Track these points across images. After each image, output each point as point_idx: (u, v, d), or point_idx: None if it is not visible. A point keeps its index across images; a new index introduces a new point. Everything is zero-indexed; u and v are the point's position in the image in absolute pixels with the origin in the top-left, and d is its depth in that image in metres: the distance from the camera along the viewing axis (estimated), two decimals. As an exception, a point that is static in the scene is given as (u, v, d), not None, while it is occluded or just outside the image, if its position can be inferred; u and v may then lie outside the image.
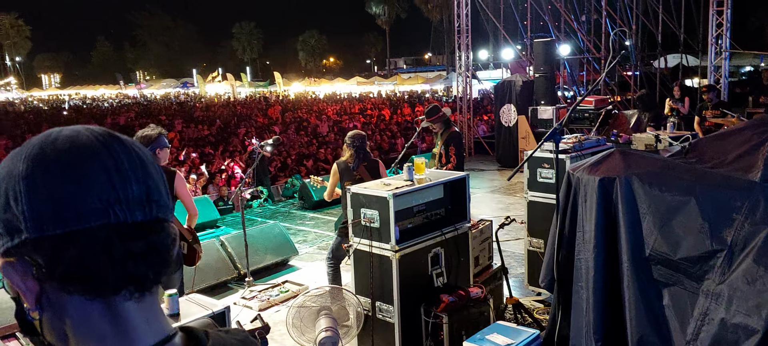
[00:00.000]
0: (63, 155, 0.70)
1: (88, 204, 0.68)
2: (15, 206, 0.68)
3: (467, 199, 4.34)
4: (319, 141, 17.27)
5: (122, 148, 0.73)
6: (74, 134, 0.72)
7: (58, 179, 0.68)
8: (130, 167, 0.72)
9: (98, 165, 0.70)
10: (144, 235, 0.71)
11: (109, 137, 0.73)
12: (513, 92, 11.74)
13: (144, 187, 0.73)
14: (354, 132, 5.41)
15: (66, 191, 0.68)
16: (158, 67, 75.28)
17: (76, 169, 0.69)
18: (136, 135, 4.29)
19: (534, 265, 5.31)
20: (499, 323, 3.62)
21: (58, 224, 0.67)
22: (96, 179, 0.69)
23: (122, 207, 0.70)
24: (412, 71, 50.05)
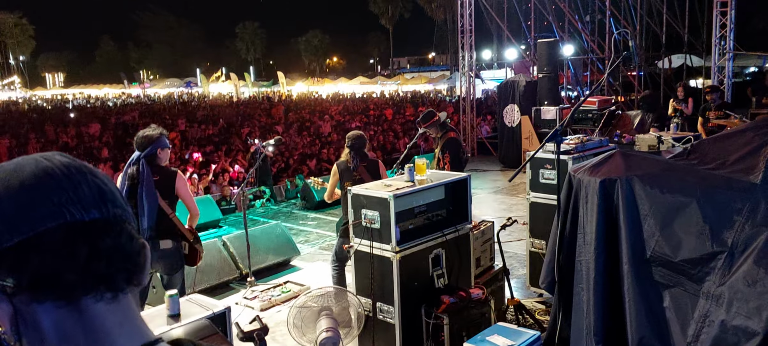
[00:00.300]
0: (9, 174, 0.72)
1: (41, 208, 0.69)
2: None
3: (469, 200, 4.33)
4: (322, 141, 17.28)
5: (65, 159, 0.75)
6: (21, 159, 0.75)
7: (8, 192, 0.70)
8: (78, 173, 0.74)
9: (45, 174, 0.72)
10: (105, 232, 0.72)
11: (50, 155, 0.76)
12: (516, 92, 11.73)
13: (95, 188, 0.74)
14: (353, 132, 5.41)
15: (17, 202, 0.70)
16: (162, 66, 75.41)
17: (25, 181, 0.71)
18: (138, 135, 4.29)
19: (536, 266, 5.30)
20: (499, 325, 3.62)
21: (15, 232, 0.68)
22: (45, 185, 0.71)
23: (76, 206, 0.71)
24: (415, 71, 50.04)
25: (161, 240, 4.24)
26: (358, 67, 63.14)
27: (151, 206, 4.15)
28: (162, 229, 4.24)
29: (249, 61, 69.52)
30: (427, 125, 5.91)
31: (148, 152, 4.21)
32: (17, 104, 45.53)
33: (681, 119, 8.83)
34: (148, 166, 4.18)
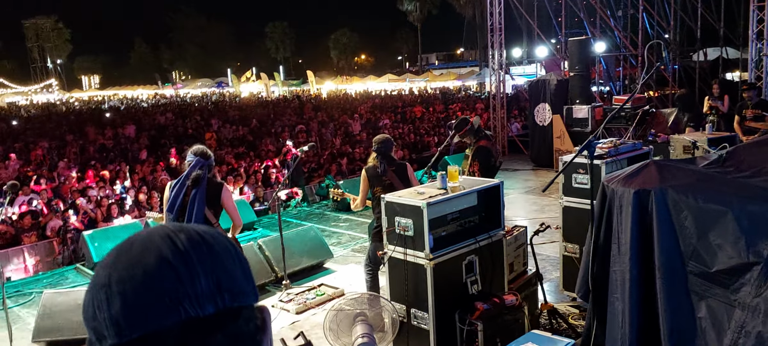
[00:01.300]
0: (134, 260, 0.73)
1: (158, 305, 0.71)
2: (99, 314, 0.73)
3: (501, 206, 4.37)
4: (352, 140, 17.40)
5: (192, 245, 0.75)
6: (147, 237, 0.76)
7: (129, 284, 0.72)
8: (200, 262, 0.74)
9: (166, 266, 0.73)
10: (218, 327, 0.73)
11: (178, 234, 0.76)
12: (547, 91, 11.65)
13: (214, 279, 0.75)
14: (380, 136, 5.44)
15: (137, 295, 0.71)
16: (194, 67, 76.70)
17: (145, 272, 0.72)
18: (199, 147, 4.58)
19: (569, 270, 5.30)
20: (533, 332, 3.65)
21: (134, 328, 0.71)
22: (164, 277, 0.72)
23: (193, 302, 0.72)
24: (444, 67, 49.91)
25: None
26: (386, 65, 63.27)
27: (199, 211, 4.41)
28: None
29: (278, 61, 70.23)
30: (461, 134, 5.91)
31: (205, 162, 4.50)
32: (55, 106, 46.90)
33: (717, 117, 8.67)
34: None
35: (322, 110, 27.26)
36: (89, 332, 0.75)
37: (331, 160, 14.32)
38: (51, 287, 6.83)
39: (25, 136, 22.16)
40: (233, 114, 26.90)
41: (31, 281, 7.41)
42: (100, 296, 0.73)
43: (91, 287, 0.76)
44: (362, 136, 18.41)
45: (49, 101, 56.80)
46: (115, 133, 21.05)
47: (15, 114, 38.54)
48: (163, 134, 21.17)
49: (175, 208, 4.42)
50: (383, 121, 20.84)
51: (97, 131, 21.79)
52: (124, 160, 15.34)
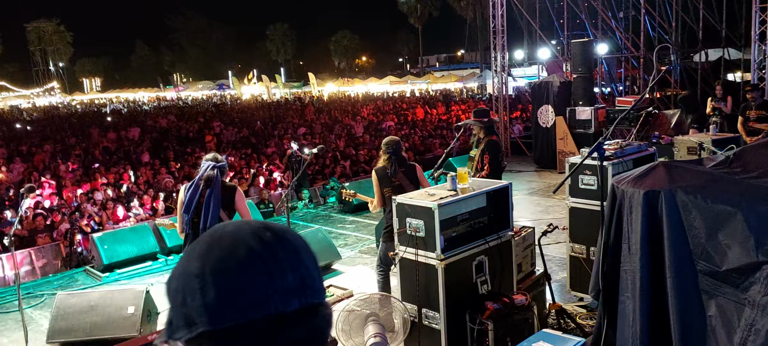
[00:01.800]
0: (226, 253, 0.78)
1: (251, 298, 0.76)
2: (191, 300, 0.77)
3: (510, 207, 4.43)
4: (355, 142, 17.45)
5: (277, 241, 0.81)
6: (236, 231, 0.81)
7: (225, 276, 0.77)
8: (286, 258, 0.80)
9: (258, 260, 0.78)
10: (302, 322, 0.79)
11: (264, 230, 0.81)
12: (550, 93, 11.72)
13: (298, 275, 0.80)
14: (389, 138, 5.51)
15: (232, 287, 0.76)
16: (194, 69, 76.80)
17: (239, 266, 0.77)
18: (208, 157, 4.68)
19: (576, 270, 5.37)
20: (545, 331, 3.71)
21: (227, 317, 0.76)
22: (256, 273, 0.77)
23: (280, 298, 0.77)
24: (445, 69, 49.98)
25: None
26: (387, 67, 63.38)
27: (214, 211, 4.50)
28: None
29: (279, 63, 70.35)
30: (477, 119, 6.05)
31: (221, 165, 4.63)
32: (58, 109, 46.97)
33: (720, 119, 8.73)
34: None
35: (324, 112, 27.33)
36: (176, 317, 0.80)
37: (334, 163, 14.38)
38: (61, 289, 6.89)
39: (29, 139, 22.21)
40: (235, 116, 26.96)
41: (42, 282, 7.47)
42: (193, 284, 0.78)
43: (181, 274, 0.80)
44: (365, 138, 18.47)
45: (51, 104, 56.88)
46: (118, 136, 21.12)
47: (17, 117, 38.60)
48: (166, 137, 21.24)
49: (191, 208, 4.50)
50: (387, 123, 20.91)
51: (101, 134, 21.85)
52: (129, 162, 15.40)
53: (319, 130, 20.51)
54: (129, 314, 5.27)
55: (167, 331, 0.82)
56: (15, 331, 6.02)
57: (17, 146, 19.50)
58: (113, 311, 5.29)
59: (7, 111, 48.33)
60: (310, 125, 22.09)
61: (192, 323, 0.78)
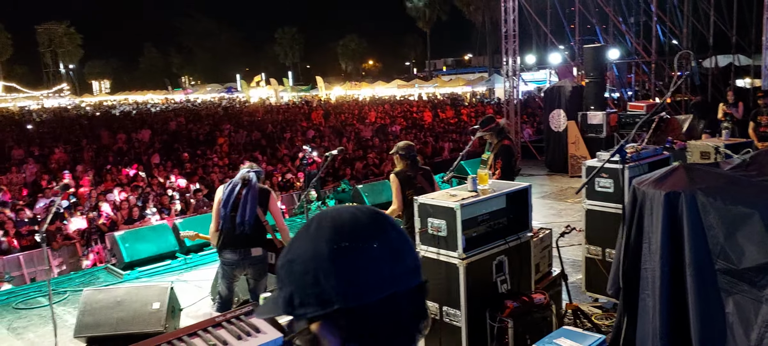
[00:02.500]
0: (351, 238, 0.87)
1: (381, 278, 0.85)
2: (325, 281, 0.85)
3: (529, 209, 4.54)
4: (364, 145, 17.58)
5: (390, 226, 0.90)
6: (353, 218, 0.90)
7: (355, 257, 0.86)
8: (402, 243, 0.90)
9: (380, 243, 0.87)
10: (418, 298, 0.89)
11: (378, 216, 0.91)
12: (562, 98, 11.83)
13: (413, 258, 0.90)
14: (404, 143, 5.68)
15: (365, 268, 0.86)
16: (203, 72, 77.26)
17: (368, 249, 0.86)
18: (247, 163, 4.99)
19: (591, 271, 5.47)
20: (565, 328, 3.81)
21: (361, 296, 0.85)
22: (382, 256, 0.86)
23: (404, 277, 0.87)
24: (452, 73, 50.12)
25: (253, 248, 4.73)
26: (394, 70, 63.56)
27: (252, 209, 4.68)
28: (255, 237, 4.74)
29: (287, 66, 70.67)
30: (486, 129, 6.17)
31: (257, 170, 4.89)
32: (67, 111, 47.36)
33: (732, 124, 8.81)
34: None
35: (332, 116, 27.49)
36: (303, 296, 0.88)
37: (344, 165, 14.50)
38: (84, 286, 7.03)
39: (40, 140, 22.44)
40: (244, 119, 27.15)
41: (64, 280, 7.62)
42: (326, 265, 0.86)
43: (311, 257, 0.88)
44: (375, 141, 18.60)
45: (61, 106, 57.33)
46: (128, 138, 21.32)
47: (28, 119, 38.91)
48: (176, 139, 21.43)
49: (229, 204, 4.68)
50: (393, 128, 21.03)
51: (111, 136, 22.07)
52: (140, 163, 15.58)
53: (328, 134, 20.66)
54: (154, 309, 5.39)
55: (285, 307, 0.90)
56: (40, 326, 6.17)
57: (28, 147, 19.72)
58: (139, 307, 5.41)
59: (17, 112, 48.79)
60: (318, 128, 22.25)
61: (326, 301, 0.86)
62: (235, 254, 4.73)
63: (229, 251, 4.74)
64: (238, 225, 4.65)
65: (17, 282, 8.64)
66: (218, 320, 1.74)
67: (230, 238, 4.72)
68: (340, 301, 0.85)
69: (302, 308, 0.88)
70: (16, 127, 30.86)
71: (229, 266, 4.81)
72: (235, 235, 4.70)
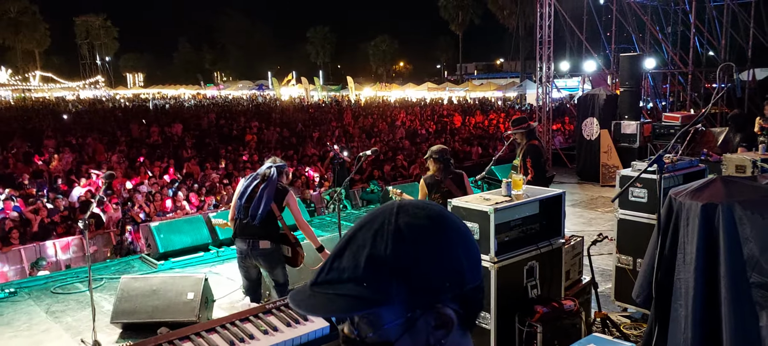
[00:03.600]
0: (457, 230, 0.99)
1: (474, 266, 0.98)
2: (458, 265, 0.96)
3: (562, 215, 4.55)
4: (393, 147, 17.66)
5: (462, 222, 1.03)
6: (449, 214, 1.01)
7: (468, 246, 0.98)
8: (471, 238, 1.02)
9: (469, 237, 1.00)
10: (481, 290, 1.01)
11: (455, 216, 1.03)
12: (596, 106, 11.74)
13: (478, 255, 1.02)
14: (438, 147, 5.77)
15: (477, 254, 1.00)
16: (235, 69, 78.29)
17: (469, 239, 1.00)
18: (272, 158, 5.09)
19: (621, 281, 5.45)
20: (595, 335, 3.83)
21: (468, 282, 0.96)
22: (474, 247, 1.00)
23: (479, 268, 1.01)
24: (483, 77, 49.88)
25: (261, 241, 4.89)
26: (424, 73, 63.64)
27: (267, 202, 4.82)
28: (266, 231, 4.88)
29: (318, 65, 71.17)
30: (517, 129, 6.23)
31: (280, 166, 4.98)
32: (102, 102, 48.53)
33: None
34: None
35: (362, 116, 27.64)
36: (443, 282, 0.94)
37: (374, 166, 14.59)
38: (119, 273, 7.24)
39: (75, 130, 23.04)
40: (275, 117, 27.48)
41: (100, 267, 7.84)
42: (456, 252, 0.96)
43: (456, 244, 0.97)
44: (405, 143, 18.68)
45: (96, 97, 58.74)
46: (161, 131, 21.77)
47: (64, 109, 39.93)
48: (208, 134, 21.81)
49: (244, 196, 4.87)
50: (421, 131, 21.08)
51: (145, 128, 22.56)
52: (174, 158, 15.91)
53: (357, 135, 20.81)
54: (188, 299, 5.55)
55: (429, 297, 0.95)
56: (78, 311, 6.37)
57: (64, 137, 20.27)
58: (173, 296, 5.57)
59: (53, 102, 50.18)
60: (347, 129, 22.41)
61: (461, 283, 0.95)
62: (244, 244, 4.91)
63: (240, 240, 4.94)
64: (250, 216, 4.83)
65: (52, 268, 8.94)
66: (268, 307, 1.82)
67: (241, 228, 4.90)
68: (470, 280, 0.96)
69: (441, 292, 0.96)
70: (53, 116, 31.72)
71: (240, 255, 5.02)
72: (245, 226, 4.87)
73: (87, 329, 5.41)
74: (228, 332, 1.72)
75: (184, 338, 1.65)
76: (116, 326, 5.66)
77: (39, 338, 5.74)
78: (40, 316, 6.31)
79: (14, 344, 5.59)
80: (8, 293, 6.90)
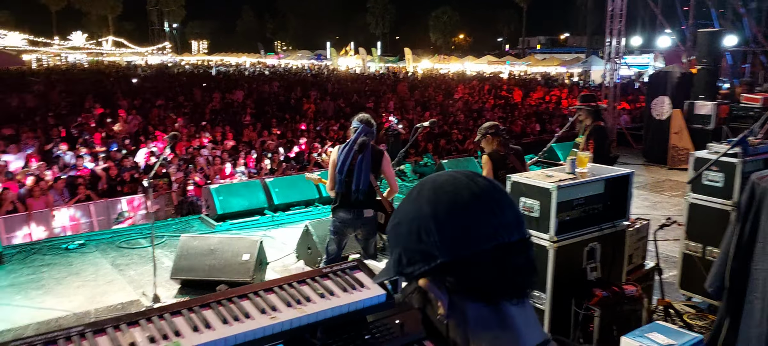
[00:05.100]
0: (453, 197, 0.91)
1: (482, 231, 0.89)
2: (427, 238, 0.90)
3: (628, 197, 4.34)
4: (449, 121, 17.40)
5: (489, 185, 0.93)
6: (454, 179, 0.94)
7: (457, 215, 0.90)
8: (501, 199, 0.92)
9: (481, 201, 0.91)
10: (521, 251, 0.91)
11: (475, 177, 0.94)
12: (669, 84, 11.12)
13: (513, 212, 0.92)
14: (490, 123, 5.67)
15: (464, 224, 0.89)
16: (295, 38, 78.99)
17: (467, 206, 0.90)
18: (364, 116, 4.99)
19: (688, 268, 5.17)
20: (658, 323, 3.64)
21: (463, 248, 0.89)
22: (482, 211, 0.90)
23: (504, 230, 0.89)
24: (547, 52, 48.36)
25: (365, 209, 4.86)
26: (484, 46, 62.18)
27: (366, 175, 4.80)
28: (367, 199, 4.86)
29: (377, 36, 70.86)
30: (584, 105, 6.03)
31: (371, 130, 4.91)
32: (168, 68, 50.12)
33: None
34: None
35: (418, 89, 27.37)
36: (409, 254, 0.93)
37: (427, 139, 14.42)
38: (179, 232, 7.47)
39: (143, 93, 23.86)
40: (331, 88, 27.58)
41: (162, 225, 8.12)
42: (428, 224, 0.91)
43: (414, 218, 0.93)
44: (460, 117, 18.38)
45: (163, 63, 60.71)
46: (223, 98, 22.24)
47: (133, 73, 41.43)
48: (267, 102, 22.13)
49: (344, 170, 4.81)
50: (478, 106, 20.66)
51: (205, 94, 23.11)
52: (233, 124, 16.23)
53: (413, 107, 20.62)
54: (244, 260, 5.66)
55: (395, 267, 0.96)
56: (140, 265, 6.63)
57: (133, 99, 21.02)
58: (230, 257, 5.70)
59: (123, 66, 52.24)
60: (403, 101, 22.24)
61: (430, 256, 0.91)
62: (349, 214, 4.89)
63: (344, 211, 4.91)
64: (352, 192, 4.80)
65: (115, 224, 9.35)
66: (325, 271, 1.79)
67: (345, 201, 4.88)
68: (442, 254, 0.89)
69: (410, 266, 0.93)
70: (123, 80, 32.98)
71: (341, 224, 4.97)
72: (348, 197, 4.85)
73: (148, 283, 5.63)
74: (285, 292, 1.70)
75: (243, 296, 1.66)
76: (175, 282, 5.86)
77: (104, 288, 6.01)
78: (105, 268, 6.60)
79: (82, 292, 5.88)
80: (78, 245, 7.26)
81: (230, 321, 1.58)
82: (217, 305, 1.65)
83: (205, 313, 1.62)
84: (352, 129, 4.93)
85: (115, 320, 1.59)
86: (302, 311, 1.62)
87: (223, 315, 1.61)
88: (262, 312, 1.62)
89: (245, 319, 1.60)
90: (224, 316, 1.60)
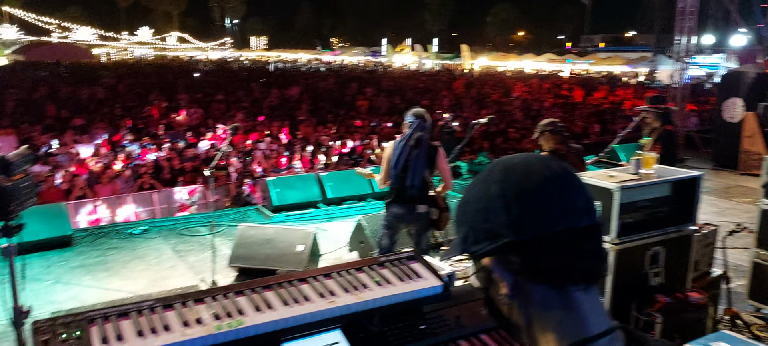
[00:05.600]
0: (523, 178, 0.90)
1: (551, 214, 0.87)
2: (495, 218, 0.89)
3: (696, 201, 4.15)
4: (506, 120, 17.14)
5: (562, 169, 0.92)
6: (526, 161, 0.93)
7: (525, 195, 0.89)
8: (573, 183, 0.91)
9: (552, 184, 0.89)
10: (591, 237, 0.89)
11: (549, 161, 0.93)
12: (742, 85, 10.57)
13: (585, 198, 0.90)
14: (548, 120, 5.50)
15: (533, 205, 0.88)
16: (351, 34, 79.59)
17: (537, 187, 0.89)
18: (418, 110, 4.94)
19: (759, 278, 4.92)
20: (725, 332, 3.47)
21: (531, 229, 0.87)
22: (552, 193, 0.88)
23: (573, 215, 0.88)
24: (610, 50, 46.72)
25: (419, 205, 4.84)
26: (544, 44, 60.71)
27: (421, 170, 4.79)
28: (421, 194, 4.85)
29: (433, 33, 70.51)
30: (653, 106, 5.80)
31: (427, 126, 4.88)
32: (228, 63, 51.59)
33: None
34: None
35: (475, 87, 27.08)
36: (476, 233, 0.93)
37: (483, 137, 14.23)
38: (237, 222, 7.66)
39: (204, 87, 24.64)
40: (386, 85, 27.66)
41: (220, 215, 8.34)
42: (496, 203, 0.90)
43: (481, 197, 0.93)
44: (518, 115, 18.08)
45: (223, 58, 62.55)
46: (280, 93, 22.69)
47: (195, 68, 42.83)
48: (322, 98, 22.44)
49: (399, 165, 4.80)
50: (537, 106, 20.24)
51: (263, 90, 23.63)
52: (289, 118, 16.53)
53: (468, 104, 20.42)
54: (298, 251, 5.76)
55: (461, 245, 0.96)
56: (199, 252, 6.84)
57: (195, 93, 21.74)
58: (285, 247, 5.81)
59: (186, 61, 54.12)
60: (459, 98, 22.06)
61: (496, 235, 0.90)
62: (404, 209, 4.88)
63: (398, 206, 4.90)
64: (408, 187, 4.79)
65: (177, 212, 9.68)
66: (382, 259, 1.80)
67: (399, 196, 4.87)
68: (508, 234, 0.88)
69: (475, 245, 0.93)
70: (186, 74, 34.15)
71: (395, 219, 4.96)
72: (403, 193, 4.84)
73: (207, 270, 5.81)
74: (343, 278, 1.72)
75: (302, 280, 1.69)
76: (233, 269, 6.02)
77: (165, 273, 6.24)
78: (167, 253, 6.86)
79: (145, 276, 6.14)
80: (142, 231, 7.56)
81: (290, 303, 1.62)
82: (278, 287, 1.69)
83: (267, 294, 1.66)
84: (406, 123, 4.90)
85: (183, 296, 1.65)
86: (359, 297, 1.64)
87: (284, 297, 1.64)
88: (320, 296, 1.65)
89: (305, 301, 1.63)
90: (284, 298, 1.64)
